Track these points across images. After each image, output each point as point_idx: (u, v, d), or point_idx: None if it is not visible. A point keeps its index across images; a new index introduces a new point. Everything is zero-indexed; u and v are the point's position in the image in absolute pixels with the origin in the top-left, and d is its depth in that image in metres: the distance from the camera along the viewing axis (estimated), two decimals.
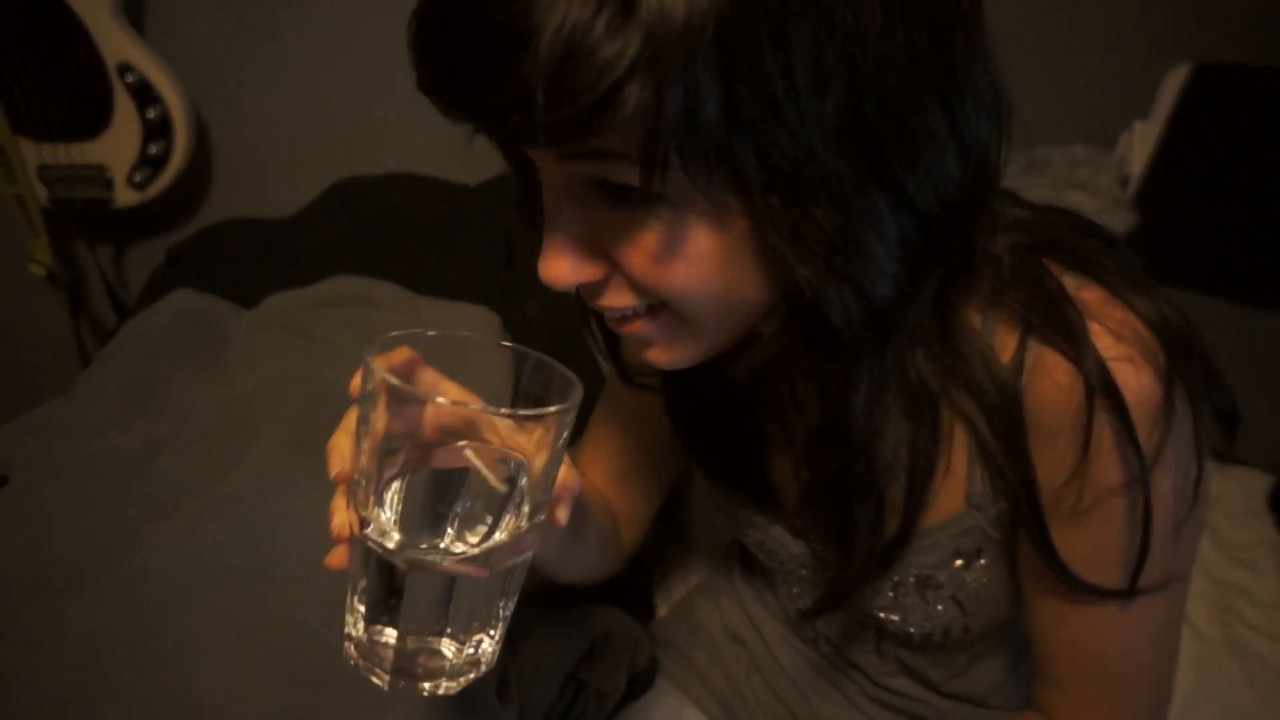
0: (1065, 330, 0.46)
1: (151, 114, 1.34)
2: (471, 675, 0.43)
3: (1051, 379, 0.46)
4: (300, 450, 0.74)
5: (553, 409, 0.39)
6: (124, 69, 1.32)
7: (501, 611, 0.43)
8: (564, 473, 0.45)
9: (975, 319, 0.50)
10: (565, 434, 0.40)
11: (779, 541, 0.63)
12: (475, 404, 0.42)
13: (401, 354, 0.42)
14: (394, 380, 0.38)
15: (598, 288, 0.44)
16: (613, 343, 0.59)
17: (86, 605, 0.64)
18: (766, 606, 0.75)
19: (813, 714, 0.71)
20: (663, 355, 0.47)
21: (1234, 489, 1.06)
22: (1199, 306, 1.23)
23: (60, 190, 1.38)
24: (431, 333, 0.43)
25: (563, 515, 0.45)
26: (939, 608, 0.56)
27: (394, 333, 0.42)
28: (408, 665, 0.41)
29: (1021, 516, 0.50)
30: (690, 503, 0.95)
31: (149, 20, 1.41)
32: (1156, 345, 0.45)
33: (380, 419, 0.39)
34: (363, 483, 0.40)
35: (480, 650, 0.43)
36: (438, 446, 0.40)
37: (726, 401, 0.59)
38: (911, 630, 0.58)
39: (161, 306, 0.98)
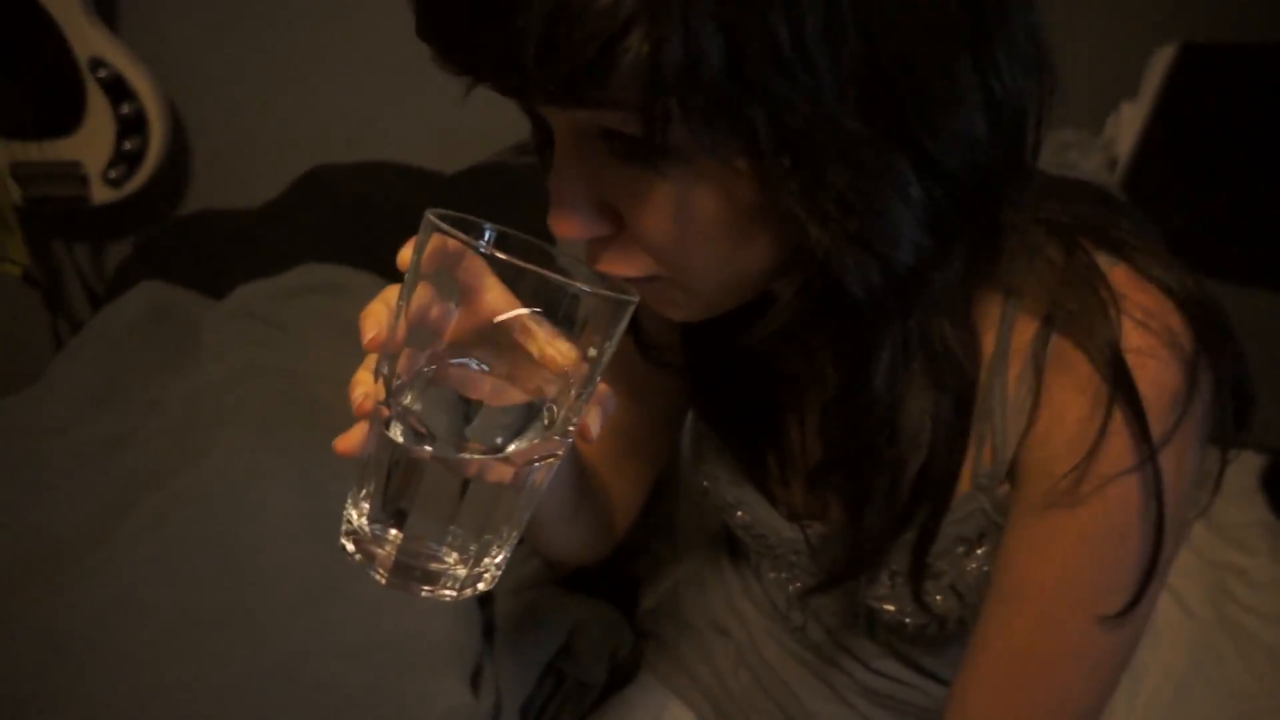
0: (1087, 323, 0.44)
1: (126, 110, 1.33)
2: (469, 590, 0.41)
3: (1071, 374, 0.45)
4: (268, 442, 0.72)
5: (622, 297, 0.37)
6: (96, 64, 1.30)
7: (509, 530, 0.41)
8: (602, 385, 0.42)
9: (997, 298, 0.48)
10: (616, 338, 0.39)
11: (770, 525, 0.61)
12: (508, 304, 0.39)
13: (454, 241, 0.39)
14: (463, 239, 0.36)
15: (604, 246, 0.43)
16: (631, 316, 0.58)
17: (46, 603, 0.63)
18: (753, 599, 0.74)
19: (801, 709, 0.70)
20: (669, 310, 0.46)
21: (1227, 469, 1.05)
22: None
23: (35, 189, 1.37)
24: (490, 228, 0.41)
25: (595, 426, 0.43)
26: (937, 598, 0.54)
27: (440, 211, 0.39)
28: (408, 565, 0.39)
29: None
30: (678, 493, 0.94)
31: (122, 14, 1.39)
32: (1184, 329, 0.44)
33: (426, 291, 0.38)
34: (396, 358, 0.38)
35: (483, 564, 0.41)
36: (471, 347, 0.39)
37: (745, 371, 0.57)
38: (907, 620, 0.57)
39: (128, 299, 0.96)
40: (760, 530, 0.62)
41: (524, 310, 0.38)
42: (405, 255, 0.40)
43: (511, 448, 0.39)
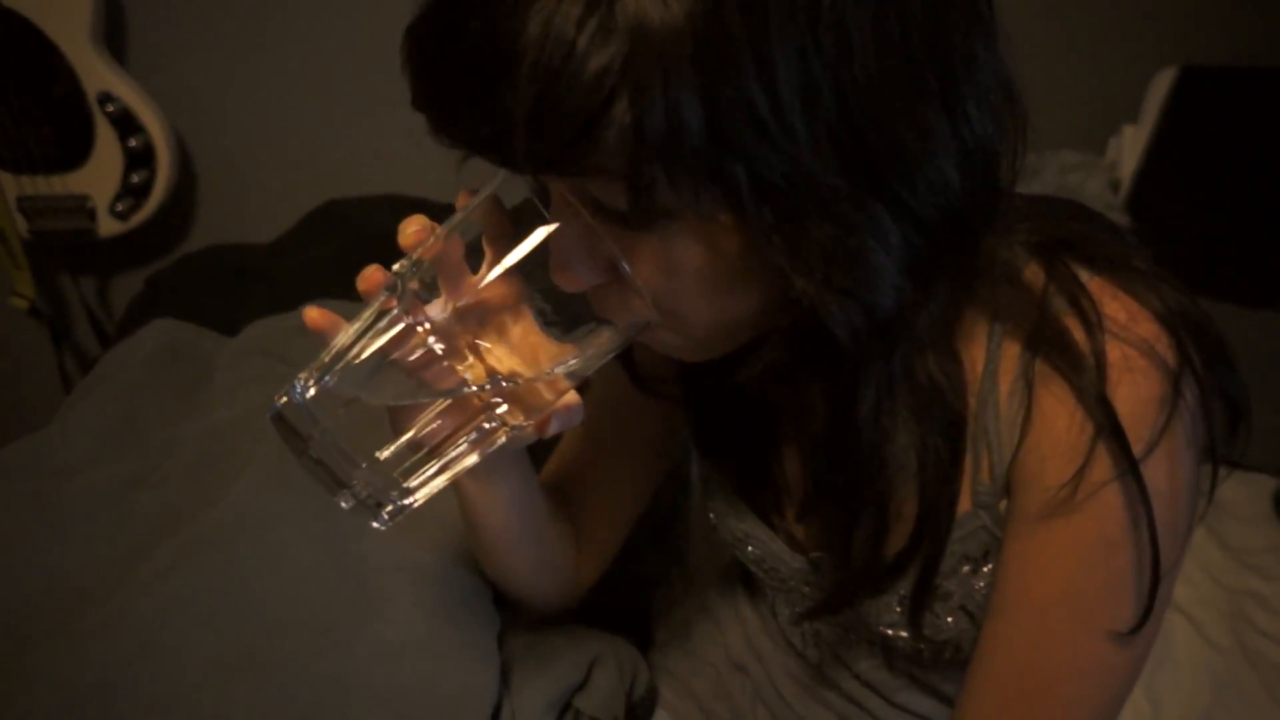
0: (1068, 341, 0.45)
1: (134, 143, 1.33)
2: (380, 508, 0.42)
3: (1058, 386, 0.45)
4: (286, 483, 0.72)
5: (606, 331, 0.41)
6: (105, 99, 1.31)
7: (453, 462, 0.42)
8: (572, 396, 0.45)
9: (983, 320, 0.49)
10: (594, 355, 0.42)
11: (779, 557, 0.61)
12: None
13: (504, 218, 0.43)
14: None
15: (604, 293, 0.44)
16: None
17: (62, 654, 0.62)
18: (771, 636, 0.73)
19: None
20: (670, 353, 0.48)
21: (1241, 493, 1.05)
22: None
23: (41, 222, 1.37)
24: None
25: (554, 425, 0.45)
26: (948, 620, 0.54)
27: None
28: (332, 453, 0.40)
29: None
30: (689, 525, 0.94)
31: (130, 49, 1.40)
32: (1163, 337, 0.44)
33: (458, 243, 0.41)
34: (432, 260, 0.41)
35: (405, 487, 0.42)
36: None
37: (741, 405, 0.58)
38: (921, 646, 0.56)
39: (140, 338, 0.96)
40: (771, 564, 0.62)
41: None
42: (465, 198, 0.44)
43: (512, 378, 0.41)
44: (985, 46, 0.40)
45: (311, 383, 0.41)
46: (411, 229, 0.44)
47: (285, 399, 0.41)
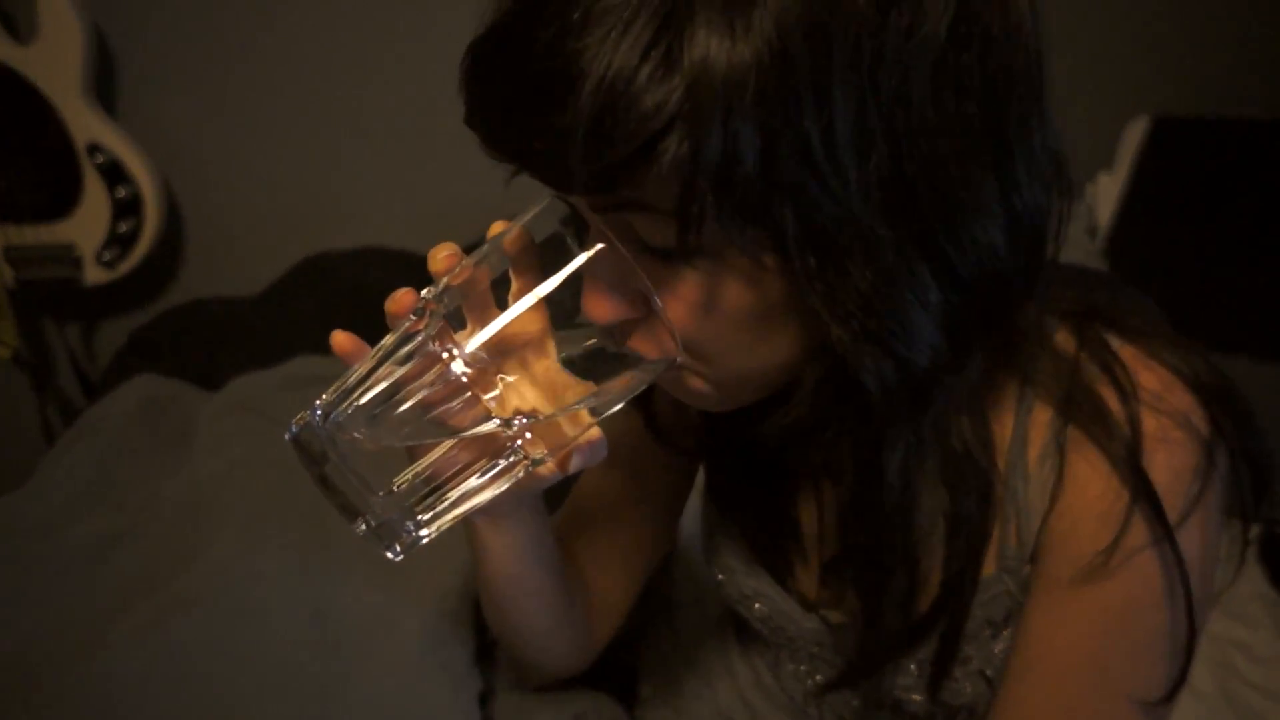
0: (1102, 411, 0.45)
1: (122, 193, 1.34)
2: (393, 539, 0.41)
3: (1090, 467, 0.46)
4: (266, 542, 0.71)
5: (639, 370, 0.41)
6: (94, 149, 1.32)
7: (470, 495, 0.42)
8: (595, 432, 0.44)
9: (1013, 385, 0.49)
10: (621, 392, 0.42)
11: (789, 616, 0.60)
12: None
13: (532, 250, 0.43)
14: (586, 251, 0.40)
15: (633, 326, 0.44)
16: (645, 399, 0.58)
17: (34, 717, 0.61)
18: (765, 691, 0.72)
19: None
20: (691, 399, 0.47)
21: (1224, 540, 1.05)
22: None
23: (27, 271, 1.37)
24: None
25: (576, 462, 0.44)
26: (966, 686, 0.53)
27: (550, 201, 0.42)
28: (348, 479, 0.39)
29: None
30: (674, 577, 0.93)
31: (120, 100, 1.41)
32: (1196, 407, 0.45)
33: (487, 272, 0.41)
34: (459, 287, 0.41)
35: (402, 516, 0.41)
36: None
37: (763, 460, 0.57)
38: (935, 710, 0.56)
39: (121, 393, 0.96)
40: (779, 622, 0.61)
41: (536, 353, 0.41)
42: (497, 227, 0.43)
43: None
44: (1039, 119, 0.40)
45: (330, 406, 0.40)
46: (443, 254, 0.43)
47: (304, 421, 0.40)
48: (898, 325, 0.39)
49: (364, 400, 0.40)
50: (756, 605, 0.62)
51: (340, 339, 0.45)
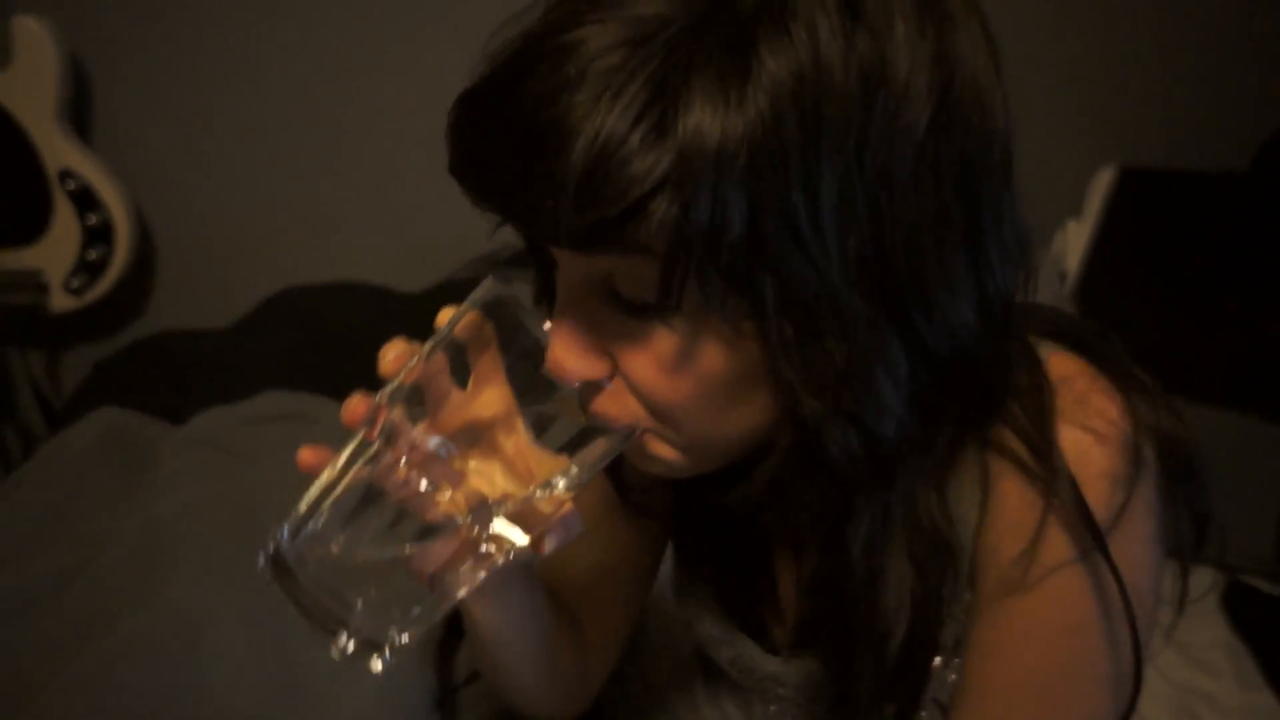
0: (1024, 412, 0.45)
1: (93, 220, 1.33)
2: (375, 650, 0.40)
3: (1012, 460, 0.45)
4: (223, 583, 0.70)
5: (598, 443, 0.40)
6: (65, 175, 1.31)
7: (450, 590, 0.41)
8: (569, 507, 0.43)
9: (975, 454, 0.48)
10: (591, 468, 0.41)
11: (756, 659, 0.60)
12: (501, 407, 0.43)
13: (489, 327, 0.43)
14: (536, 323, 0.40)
15: (597, 389, 0.43)
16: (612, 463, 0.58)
17: None
18: None
19: None
20: (651, 466, 0.46)
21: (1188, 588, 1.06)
22: None
23: None
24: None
25: (550, 544, 0.43)
26: (922, 714, 0.53)
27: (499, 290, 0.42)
28: (324, 596, 0.39)
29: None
30: (645, 621, 0.92)
31: (95, 126, 1.40)
32: (1123, 420, 0.44)
33: (443, 359, 0.40)
34: (409, 388, 0.40)
35: (400, 624, 0.40)
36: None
37: (730, 525, 0.57)
38: None
39: (83, 426, 0.94)
40: (748, 664, 0.61)
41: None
42: (446, 315, 0.43)
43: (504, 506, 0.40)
44: (1010, 206, 0.42)
45: (297, 524, 0.39)
46: (390, 356, 0.43)
47: (273, 544, 0.39)
48: (868, 398, 0.40)
49: (327, 515, 0.39)
50: (724, 649, 0.62)
51: (304, 455, 0.43)
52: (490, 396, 0.42)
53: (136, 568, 0.76)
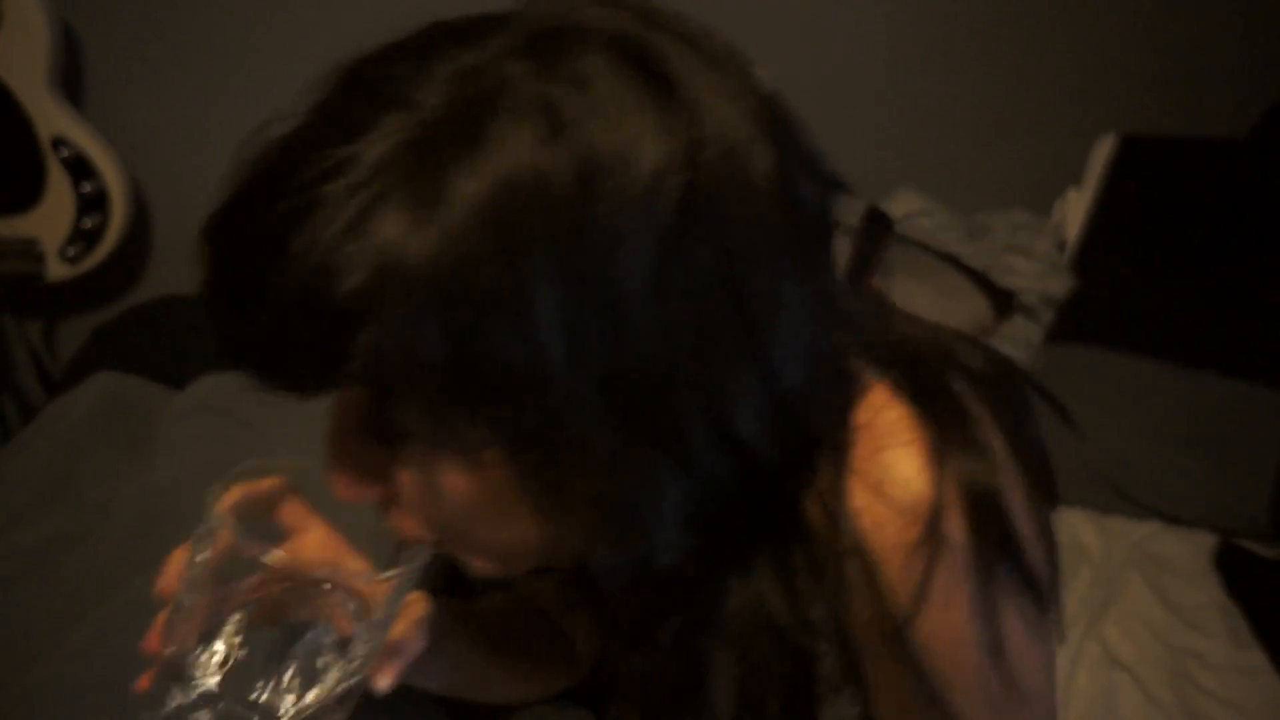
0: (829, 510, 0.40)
1: (87, 188, 1.31)
2: None
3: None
4: None
5: (391, 574, 0.39)
6: (59, 142, 1.29)
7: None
8: (400, 629, 0.41)
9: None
10: (403, 594, 0.39)
11: None
12: (326, 553, 0.43)
13: (268, 483, 0.41)
14: (234, 535, 0.38)
15: (390, 504, 0.41)
16: None
17: None
18: None
19: None
20: (472, 570, 0.44)
21: (1182, 550, 1.07)
22: (1139, 368, 1.27)
23: None
24: (302, 464, 0.42)
25: (386, 679, 0.41)
26: None
27: (256, 461, 0.41)
28: None
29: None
30: None
31: (88, 93, 1.38)
32: (927, 487, 0.38)
33: (212, 563, 0.38)
34: (186, 614, 0.38)
35: None
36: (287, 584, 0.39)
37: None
38: None
39: (82, 391, 0.94)
40: None
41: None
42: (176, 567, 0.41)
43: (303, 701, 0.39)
44: (797, 281, 0.36)
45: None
46: (160, 585, 0.43)
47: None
48: (630, 531, 0.36)
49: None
50: None
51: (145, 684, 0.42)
52: (315, 539, 0.42)
53: (137, 535, 0.76)
